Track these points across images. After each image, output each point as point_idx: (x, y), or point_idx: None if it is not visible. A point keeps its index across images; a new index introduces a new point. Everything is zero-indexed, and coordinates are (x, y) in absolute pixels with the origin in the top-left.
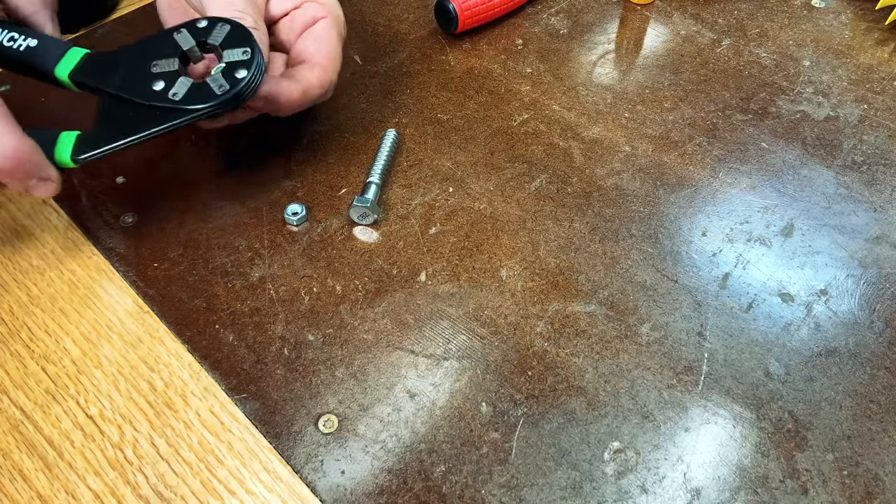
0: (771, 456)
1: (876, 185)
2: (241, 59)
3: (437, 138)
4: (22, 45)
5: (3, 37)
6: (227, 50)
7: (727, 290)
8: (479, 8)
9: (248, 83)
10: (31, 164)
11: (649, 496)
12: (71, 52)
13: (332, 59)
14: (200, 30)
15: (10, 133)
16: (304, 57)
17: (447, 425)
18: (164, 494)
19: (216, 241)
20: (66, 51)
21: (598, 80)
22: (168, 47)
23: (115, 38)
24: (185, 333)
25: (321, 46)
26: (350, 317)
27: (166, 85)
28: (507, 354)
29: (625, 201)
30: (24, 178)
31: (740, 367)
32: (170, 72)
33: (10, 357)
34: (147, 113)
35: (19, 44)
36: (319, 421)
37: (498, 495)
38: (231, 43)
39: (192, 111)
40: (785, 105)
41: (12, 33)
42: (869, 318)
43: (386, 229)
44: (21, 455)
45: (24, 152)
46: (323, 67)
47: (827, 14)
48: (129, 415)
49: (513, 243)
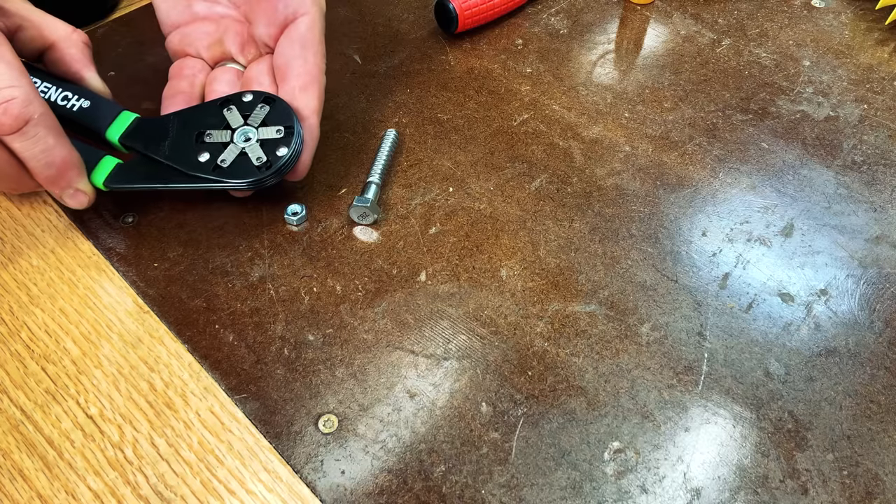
0: (771, 456)
1: (876, 185)
2: (277, 137)
3: (437, 138)
4: (75, 105)
5: (57, 96)
6: (263, 128)
7: (727, 290)
8: (479, 8)
9: (288, 160)
10: (73, 176)
11: (649, 496)
12: (122, 115)
13: (321, 69)
14: (245, 103)
15: (62, 145)
16: (294, 73)
17: (447, 425)
18: (164, 494)
19: (216, 241)
20: (118, 114)
21: (598, 80)
22: (214, 118)
23: (115, 38)
24: (185, 333)
25: (308, 55)
26: (350, 317)
27: (211, 157)
28: (507, 354)
29: (625, 201)
30: (63, 187)
31: (740, 367)
32: (220, 143)
33: (10, 357)
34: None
35: (72, 104)
36: (319, 421)
37: (498, 495)
38: (270, 120)
39: (232, 183)
40: (785, 105)
41: (66, 92)
42: (869, 318)
43: (386, 229)
44: (21, 455)
45: (69, 164)
46: (316, 83)
47: (827, 14)
48: (129, 415)
49: (513, 243)
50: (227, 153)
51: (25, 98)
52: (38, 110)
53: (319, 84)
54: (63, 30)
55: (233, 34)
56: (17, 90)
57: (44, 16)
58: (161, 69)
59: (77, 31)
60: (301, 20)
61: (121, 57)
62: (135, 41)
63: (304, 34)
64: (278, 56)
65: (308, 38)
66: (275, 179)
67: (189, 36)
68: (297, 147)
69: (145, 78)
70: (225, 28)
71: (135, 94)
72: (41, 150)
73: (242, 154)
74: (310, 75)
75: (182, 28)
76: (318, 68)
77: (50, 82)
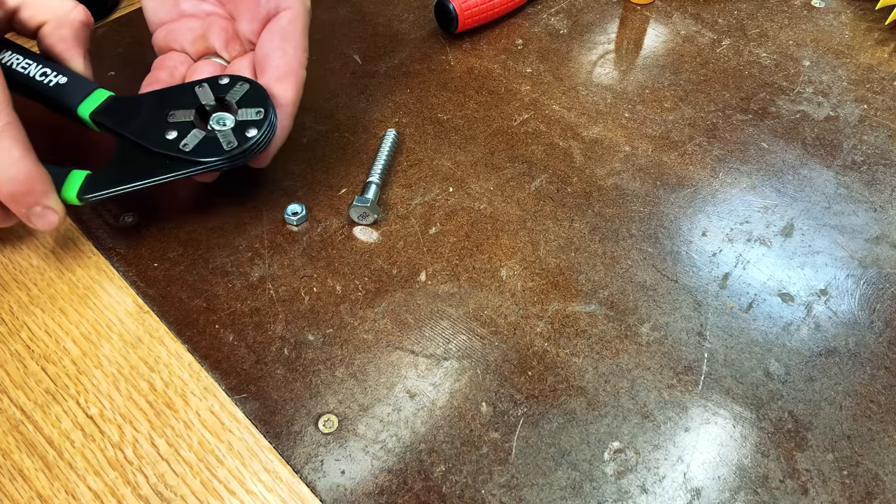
0: (771, 456)
1: (876, 185)
2: (253, 119)
3: (437, 138)
4: (52, 80)
5: (37, 71)
6: (243, 108)
7: (727, 290)
8: (479, 8)
9: (256, 142)
10: (39, 192)
11: (649, 496)
12: (96, 92)
13: (301, 62)
14: (221, 86)
15: (26, 159)
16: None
17: (447, 425)
18: (164, 494)
19: (216, 241)
20: (92, 91)
21: (598, 80)
22: (187, 98)
23: (115, 38)
24: (185, 333)
25: (288, 48)
26: (350, 317)
27: (179, 135)
28: (507, 354)
29: (625, 201)
30: (29, 205)
31: (740, 367)
32: (185, 122)
33: (10, 357)
34: (156, 161)
35: (50, 79)
36: (319, 421)
37: (498, 495)
38: (247, 102)
39: (200, 163)
40: (785, 105)
41: (45, 69)
42: (869, 318)
43: (386, 229)
44: (21, 455)
45: (35, 179)
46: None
47: (827, 14)
48: (129, 415)
49: (513, 243)
50: (194, 133)
51: None
52: (2, 119)
53: (297, 77)
54: (60, 8)
55: (217, 30)
56: None
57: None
58: None
59: (77, 10)
60: (283, 14)
61: (121, 57)
62: (135, 41)
63: (284, 27)
64: (259, 49)
65: (289, 30)
66: (241, 160)
67: (174, 32)
68: (268, 132)
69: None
70: (210, 24)
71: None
72: (5, 162)
73: (210, 133)
74: (287, 67)
75: (168, 24)
76: (298, 61)
77: (33, 60)
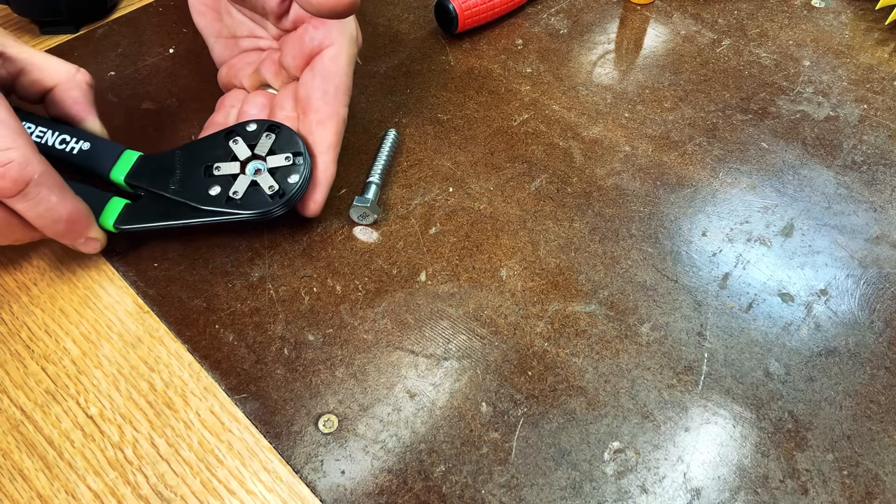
0: (771, 456)
1: (876, 185)
2: (284, 165)
3: (437, 138)
4: (75, 148)
5: (55, 139)
6: (271, 156)
7: (727, 290)
8: (479, 8)
9: (299, 187)
10: (82, 227)
11: (649, 496)
12: (125, 155)
13: (343, 102)
14: (249, 133)
15: (66, 199)
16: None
17: (447, 425)
18: (164, 494)
19: (216, 241)
20: (121, 153)
21: (598, 80)
22: (221, 150)
23: (115, 38)
24: (185, 333)
25: (329, 88)
26: (350, 317)
27: (223, 189)
28: (507, 354)
29: (625, 201)
30: (75, 238)
31: (740, 367)
32: (230, 175)
33: (10, 357)
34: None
35: (72, 147)
36: (319, 421)
37: (498, 495)
38: (278, 148)
39: (244, 214)
40: (785, 105)
41: (63, 136)
42: (869, 318)
43: (386, 229)
44: (21, 455)
45: (77, 216)
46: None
47: (827, 14)
48: (129, 415)
49: (513, 243)
50: (238, 184)
51: (23, 159)
52: (37, 170)
53: (338, 118)
54: (65, 71)
55: (269, 62)
56: (14, 152)
57: (46, 58)
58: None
59: (81, 72)
60: (326, 52)
61: (121, 57)
62: (135, 41)
63: (326, 66)
64: (300, 88)
65: (330, 70)
66: (286, 208)
67: (234, 67)
68: (306, 174)
69: (145, 78)
70: (264, 58)
71: (135, 93)
72: (45, 209)
73: (254, 184)
74: (329, 110)
75: (229, 62)
76: (339, 101)
77: (46, 126)
